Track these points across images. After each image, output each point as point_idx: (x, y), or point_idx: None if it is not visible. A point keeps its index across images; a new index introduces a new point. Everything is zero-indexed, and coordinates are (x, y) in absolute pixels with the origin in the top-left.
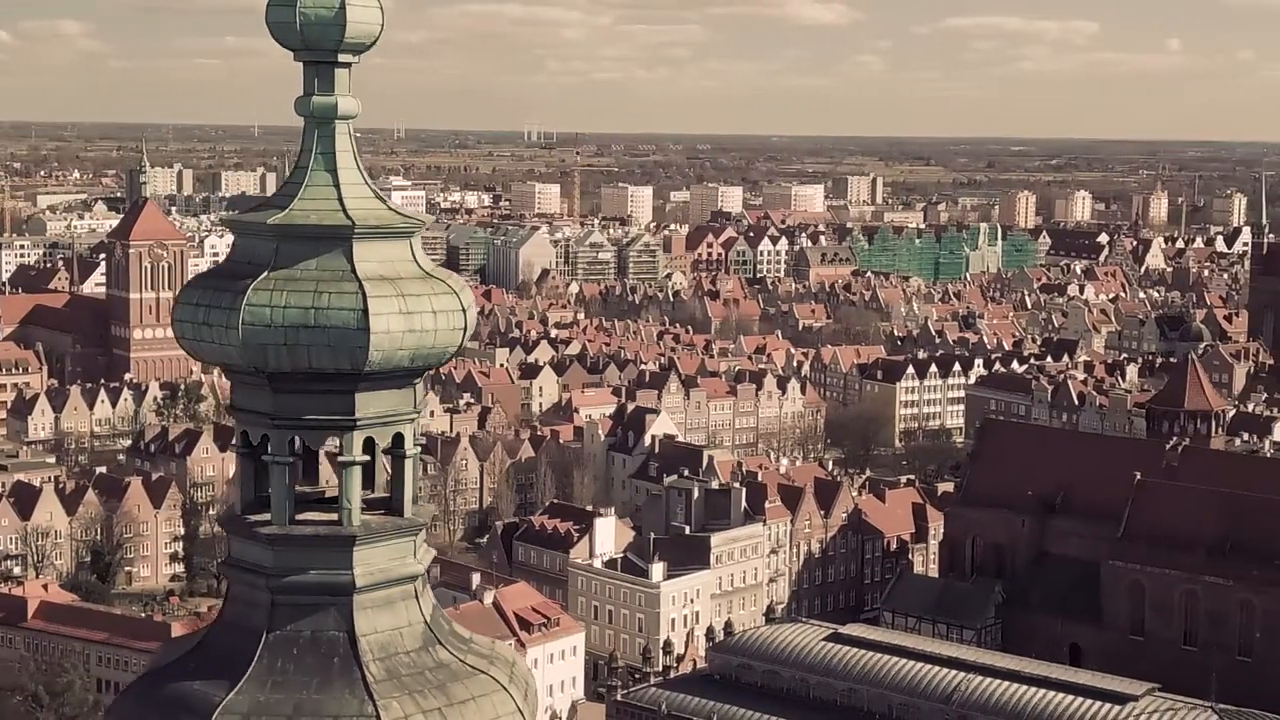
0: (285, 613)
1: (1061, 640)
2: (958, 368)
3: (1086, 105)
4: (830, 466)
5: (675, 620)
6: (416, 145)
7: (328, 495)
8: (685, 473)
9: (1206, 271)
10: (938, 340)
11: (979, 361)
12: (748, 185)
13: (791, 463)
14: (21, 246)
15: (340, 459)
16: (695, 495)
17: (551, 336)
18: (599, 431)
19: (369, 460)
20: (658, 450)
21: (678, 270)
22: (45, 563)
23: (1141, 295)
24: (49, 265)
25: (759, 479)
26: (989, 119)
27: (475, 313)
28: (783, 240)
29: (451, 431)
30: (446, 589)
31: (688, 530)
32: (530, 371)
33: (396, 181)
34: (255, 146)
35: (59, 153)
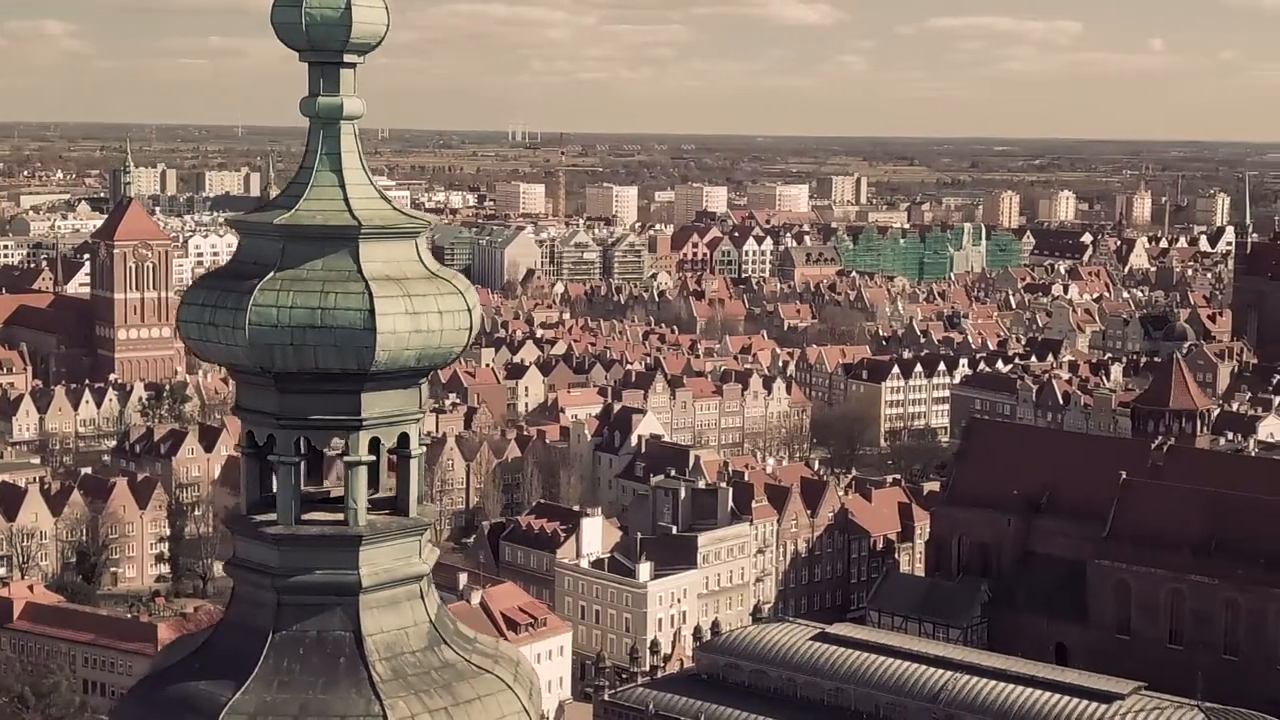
0: (291, 613)
1: (1047, 639)
2: (942, 367)
3: (1070, 105)
4: (816, 466)
5: (662, 620)
6: (401, 145)
7: (332, 495)
8: (672, 472)
9: (1190, 271)
10: (922, 340)
11: (964, 361)
12: (732, 185)
13: (778, 463)
14: (5, 247)
15: (346, 459)
16: (682, 495)
17: (537, 337)
18: (585, 431)
19: (374, 460)
20: (644, 450)
21: (663, 270)
22: (30, 564)
23: (1125, 295)
24: (33, 265)
25: (745, 479)
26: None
27: (480, 313)
28: (768, 240)
29: (438, 432)
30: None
31: (675, 530)
32: (516, 371)
33: (381, 182)
34: (239, 146)
35: (42, 153)
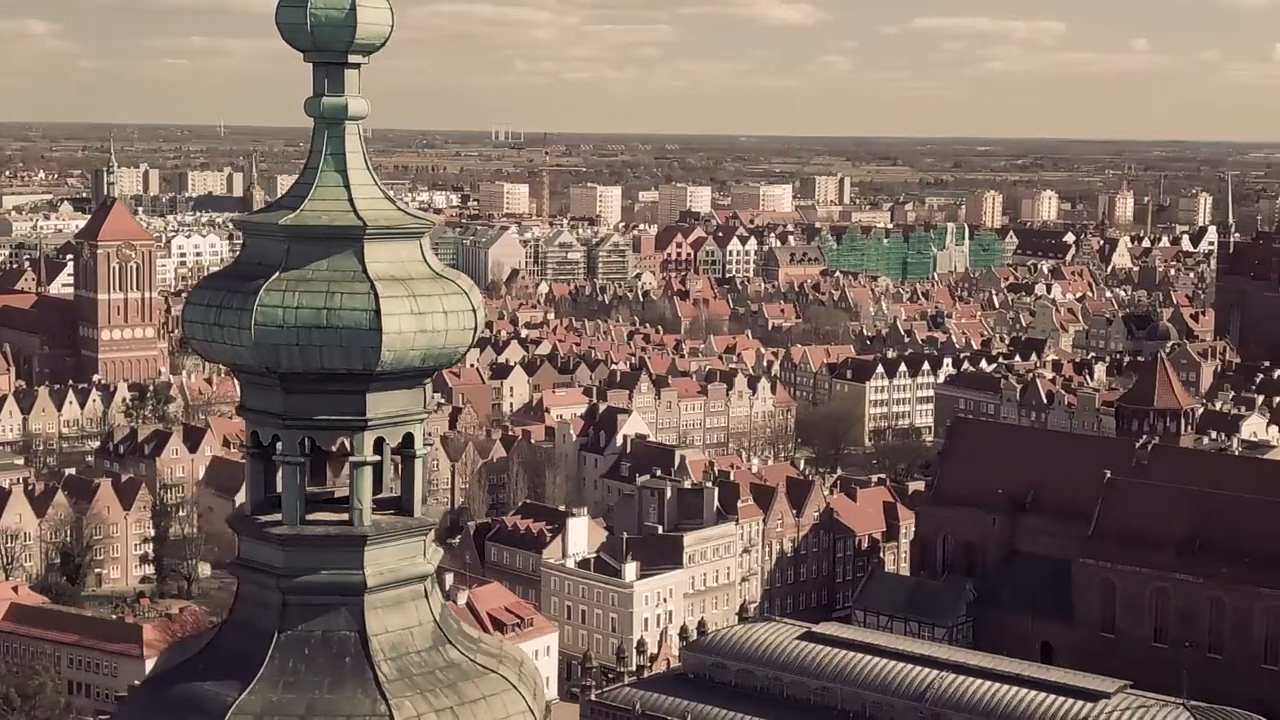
0: (296, 613)
1: (1032, 638)
2: (926, 367)
3: (1053, 105)
4: (801, 466)
5: (648, 620)
6: (384, 145)
7: (337, 495)
8: (658, 472)
9: (1173, 271)
10: (906, 340)
11: (948, 361)
12: (716, 185)
13: (763, 462)
14: None
15: (351, 459)
16: (668, 495)
17: (522, 337)
18: (570, 431)
19: (379, 460)
20: (629, 450)
21: (647, 270)
22: (14, 565)
23: (1108, 294)
24: (15, 266)
25: (731, 478)
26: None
27: (484, 313)
28: (751, 240)
29: None
30: None
31: (660, 530)
32: (501, 372)
33: None
34: (221, 146)
35: (24, 153)
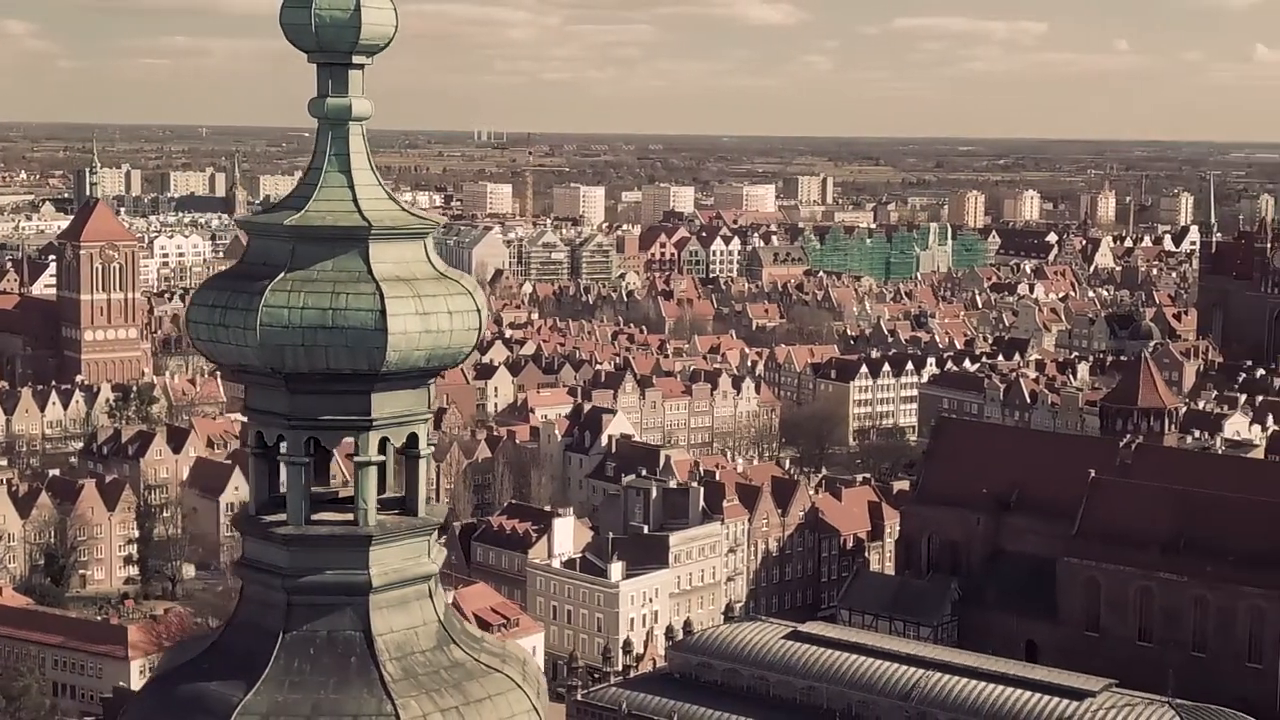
0: (301, 613)
1: (1017, 637)
2: (910, 367)
3: (1034, 105)
4: (786, 466)
5: (634, 620)
6: None
7: (340, 496)
8: (643, 472)
9: (1155, 270)
10: (890, 339)
11: (931, 360)
12: (699, 185)
13: (748, 462)
14: None
15: (356, 459)
16: (654, 495)
17: (506, 337)
18: (555, 432)
19: (383, 460)
20: (615, 450)
21: (631, 270)
22: None
23: (1091, 294)
24: None
25: (717, 478)
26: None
27: (489, 314)
28: (735, 240)
29: None
30: None
31: (646, 530)
32: (485, 372)
33: None
34: (203, 147)
35: (5, 154)
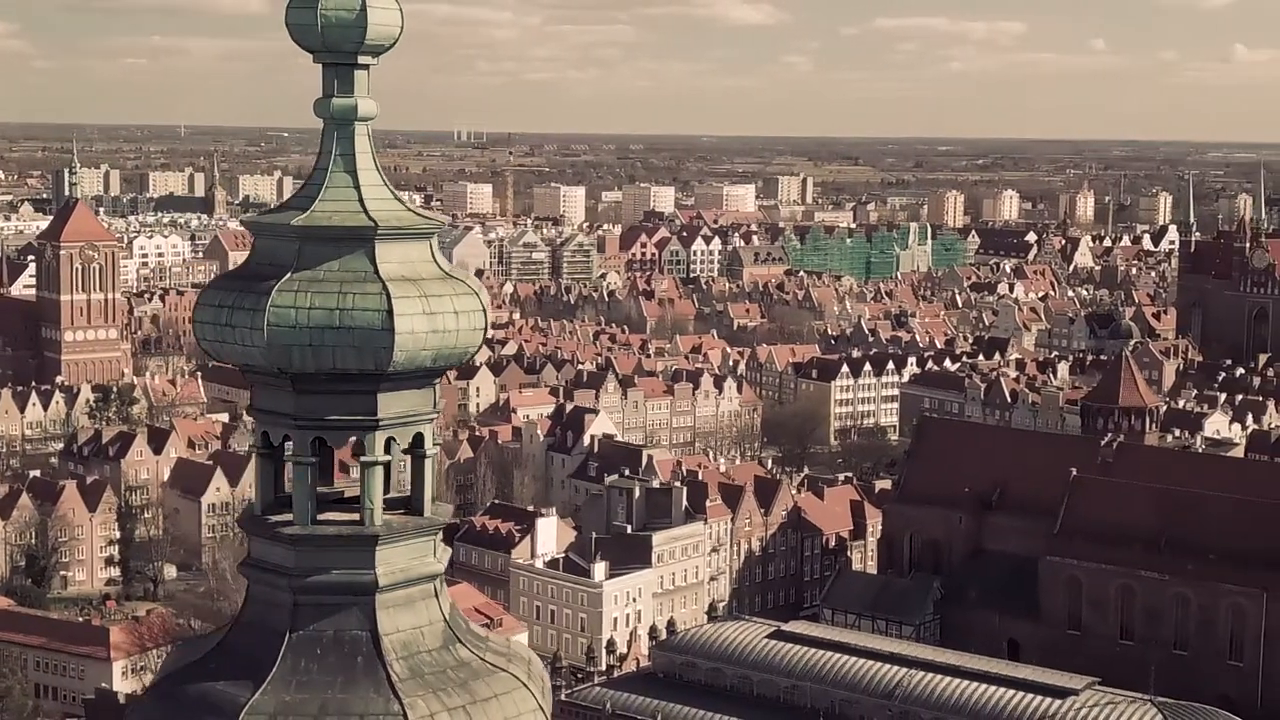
0: (308, 613)
1: (999, 635)
2: (891, 366)
3: (1013, 105)
4: (769, 465)
5: (618, 619)
6: None
7: (346, 495)
8: (626, 472)
9: (1134, 270)
10: (871, 339)
11: (912, 360)
12: (679, 185)
13: (730, 462)
14: None
15: (363, 459)
16: (636, 494)
17: (488, 337)
18: (538, 432)
19: (389, 460)
20: (597, 450)
21: (612, 270)
22: None
23: (1070, 293)
24: None
25: (699, 478)
26: (917, 119)
27: (493, 313)
28: (715, 240)
29: None
30: None
31: (629, 529)
32: (467, 372)
33: None
34: (182, 146)
35: None
